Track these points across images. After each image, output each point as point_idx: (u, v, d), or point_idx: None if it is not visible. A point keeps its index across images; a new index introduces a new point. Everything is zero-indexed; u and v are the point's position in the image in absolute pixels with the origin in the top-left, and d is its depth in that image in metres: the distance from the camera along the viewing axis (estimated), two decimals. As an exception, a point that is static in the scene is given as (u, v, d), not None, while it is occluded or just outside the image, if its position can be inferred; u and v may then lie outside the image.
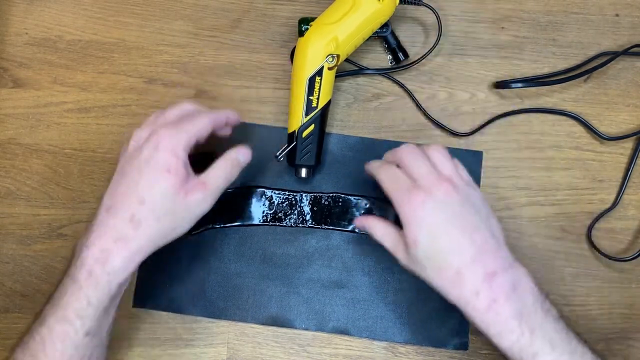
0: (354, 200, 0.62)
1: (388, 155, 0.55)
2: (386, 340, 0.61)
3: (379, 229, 0.54)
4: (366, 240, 0.62)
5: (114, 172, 0.53)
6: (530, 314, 0.47)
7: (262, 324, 0.61)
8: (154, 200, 0.47)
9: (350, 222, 0.62)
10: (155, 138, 0.49)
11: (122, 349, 0.60)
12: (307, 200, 0.63)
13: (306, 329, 0.61)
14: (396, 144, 0.63)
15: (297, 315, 0.61)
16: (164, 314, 0.61)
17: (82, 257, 0.47)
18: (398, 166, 0.53)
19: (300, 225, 0.62)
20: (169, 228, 0.49)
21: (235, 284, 0.62)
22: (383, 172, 0.53)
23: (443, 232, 0.48)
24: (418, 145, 0.54)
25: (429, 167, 0.51)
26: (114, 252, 0.47)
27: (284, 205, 0.63)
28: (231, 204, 0.62)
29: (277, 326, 0.61)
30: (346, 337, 0.61)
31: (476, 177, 0.63)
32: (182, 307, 0.61)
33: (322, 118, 0.59)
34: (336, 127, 0.64)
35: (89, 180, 0.64)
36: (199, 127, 0.51)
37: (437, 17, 0.62)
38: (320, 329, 0.61)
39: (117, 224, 0.47)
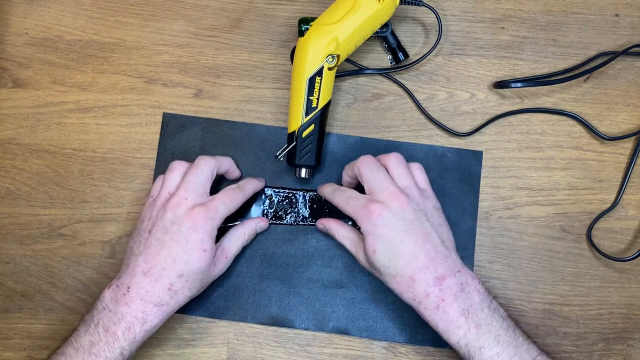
0: None
1: (347, 168, 0.59)
2: (386, 340, 0.61)
3: (340, 232, 0.58)
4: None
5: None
6: (477, 312, 0.51)
7: (262, 324, 0.61)
8: (191, 274, 0.54)
9: (350, 218, 0.62)
10: (194, 219, 0.53)
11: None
12: (306, 198, 0.63)
13: (306, 329, 0.61)
14: (396, 144, 0.64)
15: (297, 315, 0.61)
16: (164, 314, 0.61)
17: (121, 312, 0.52)
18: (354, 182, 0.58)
19: (301, 223, 0.62)
20: (196, 291, 0.56)
21: (235, 284, 0.62)
22: (338, 197, 0.57)
23: (399, 243, 0.52)
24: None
25: (386, 178, 0.55)
26: (153, 314, 0.52)
27: (284, 203, 0.63)
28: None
29: (277, 326, 0.61)
30: (346, 337, 0.61)
31: (476, 177, 0.63)
32: (182, 307, 0.61)
33: (322, 118, 0.59)
34: (336, 127, 0.64)
35: (89, 180, 0.64)
36: (234, 206, 0.57)
37: (437, 18, 0.62)
38: (320, 329, 0.61)
39: (157, 291, 0.53)
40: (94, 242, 0.63)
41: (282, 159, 0.60)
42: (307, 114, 0.58)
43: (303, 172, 0.61)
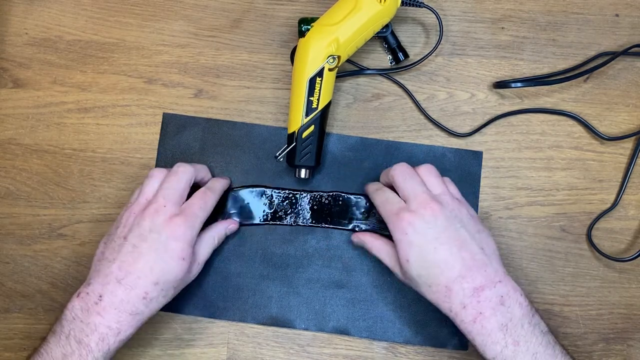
0: (354, 199, 0.62)
1: (383, 174, 0.59)
2: (386, 340, 0.61)
3: (376, 245, 0.58)
4: (364, 229, 0.62)
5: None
6: (516, 327, 0.49)
7: (262, 324, 0.61)
8: (167, 283, 0.52)
9: (350, 220, 0.62)
10: (173, 228, 0.52)
11: (122, 348, 0.60)
12: (307, 199, 0.63)
13: (306, 329, 0.61)
14: (396, 144, 0.63)
15: (297, 316, 0.61)
16: (164, 314, 0.61)
17: (94, 323, 0.50)
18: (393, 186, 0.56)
19: (301, 224, 0.62)
20: (169, 298, 0.54)
21: (235, 284, 0.62)
22: (377, 196, 0.57)
23: (431, 250, 0.51)
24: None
25: (419, 186, 0.54)
26: (128, 323, 0.51)
27: (284, 204, 0.63)
28: (232, 204, 0.62)
29: (277, 326, 0.61)
30: (346, 337, 0.61)
31: (476, 177, 0.63)
32: (182, 307, 0.61)
33: (322, 119, 0.59)
34: (336, 127, 0.64)
35: (89, 180, 0.64)
36: (209, 209, 0.56)
37: (439, 19, 0.62)
38: (320, 329, 0.61)
39: (132, 300, 0.51)
40: (94, 242, 0.63)
41: (281, 159, 0.60)
42: (307, 115, 0.58)
43: (303, 173, 0.61)
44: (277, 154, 0.60)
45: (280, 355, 0.61)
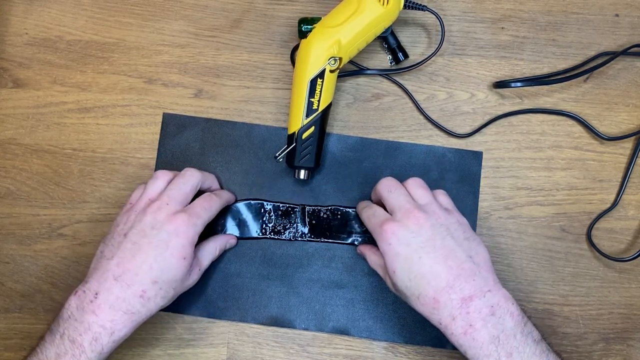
0: (353, 213, 0.62)
1: (372, 192, 0.59)
2: (386, 340, 0.61)
3: (372, 259, 0.57)
4: (366, 241, 0.62)
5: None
6: (509, 338, 0.47)
7: (262, 324, 0.61)
8: (166, 282, 0.51)
9: (349, 234, 0.62)
10: (176, 224, 0.52)
11: (122, 349, 0.60)
12: (305, 213, 0.62)
13: (306, 329, 0.61)
14: (396, 144, 0.63)
15: (297, 316, 0.61)
16: (164, 314, 0.61)
17: (88, 322, 0.49)
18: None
19: (299, 239, 0.62)
20: (168, 301, 0.53)
21: (235, 284, 0.62)
22: (364, 213, 0.57)
23: (416, 260, 0.50)
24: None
25: (404, 197, 0.53)
26: (122, 323, 0.50)
27: (283, 219, 0.62)
28: (231, 218, 0.62)
29: (277, 326, 0.61)
30: (346, 337, 0.61)
31: (476, 177, 0.63)
32: (182, 307, 0.61)
33: (322, 120, 0.59)
34: (336, 127, 0.64)
35: (89, 180, 0.64)
36: (213, 213, 0.56)
37: (441, 22, 0.61)
38: (320, 329, 0.61)
39: (128, 298, 0.50)
40: (94, 242, 0.63)
41: (281, 159, 0.60)
42: (307, 116, 0.58)
43: (302, 174, 0.61)
44: (277, 155, 0.60)
45: (280, 355, 0.61)
